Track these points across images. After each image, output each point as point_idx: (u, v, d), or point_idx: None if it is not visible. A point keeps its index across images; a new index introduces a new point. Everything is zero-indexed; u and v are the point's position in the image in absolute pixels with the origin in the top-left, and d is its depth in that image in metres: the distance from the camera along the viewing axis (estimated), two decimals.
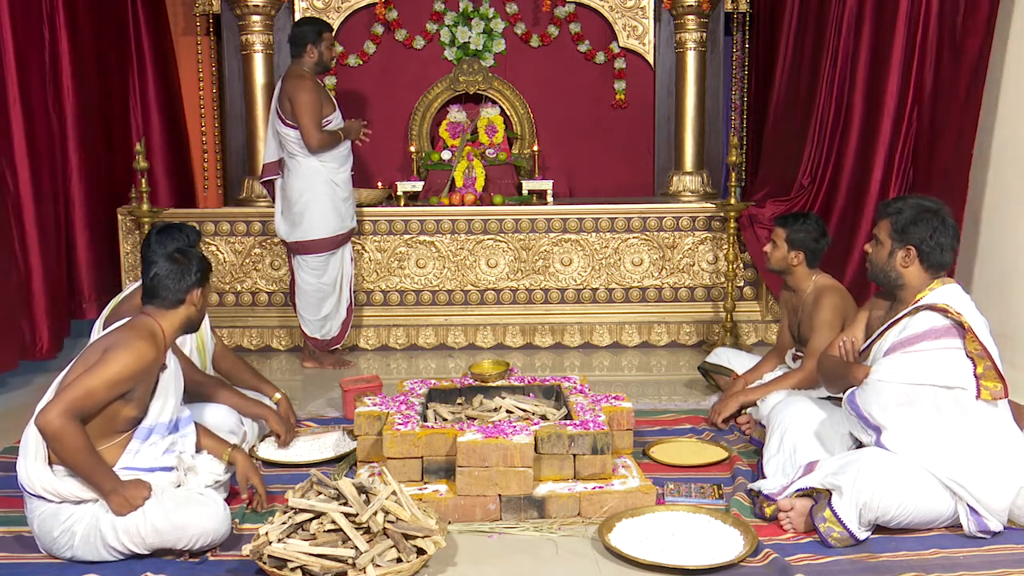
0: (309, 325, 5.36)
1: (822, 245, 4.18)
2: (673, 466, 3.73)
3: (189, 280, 3.07)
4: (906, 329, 3.13)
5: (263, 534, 2.81)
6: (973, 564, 2.88)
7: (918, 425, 3.05)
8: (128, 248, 5.78)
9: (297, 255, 5.29)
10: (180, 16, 6.98)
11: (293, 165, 5.17)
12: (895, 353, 3.12)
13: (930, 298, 3.15)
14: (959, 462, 3.01)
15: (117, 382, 2.87)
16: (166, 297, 3.06)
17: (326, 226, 5.22)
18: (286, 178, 5.21)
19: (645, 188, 6.75)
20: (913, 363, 3.07)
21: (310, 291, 5.30)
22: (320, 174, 5.16)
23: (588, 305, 5.97)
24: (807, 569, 2.85)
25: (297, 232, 5.21)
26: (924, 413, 3.05)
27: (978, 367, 3.04)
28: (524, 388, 3.98)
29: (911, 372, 3.06)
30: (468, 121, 6.53)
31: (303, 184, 5.15)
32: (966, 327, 3.05)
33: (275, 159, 5.26)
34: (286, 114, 5.11)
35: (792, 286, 4.26)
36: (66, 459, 2.84)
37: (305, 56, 5.15)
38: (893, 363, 3.11)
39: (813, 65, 5.65)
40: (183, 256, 3.10)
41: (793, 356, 4.26)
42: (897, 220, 3.20)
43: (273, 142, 5.25)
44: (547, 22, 6.68)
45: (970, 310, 3.14)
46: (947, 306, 3.10)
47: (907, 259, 3.19)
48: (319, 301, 5.31)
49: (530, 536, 3.13)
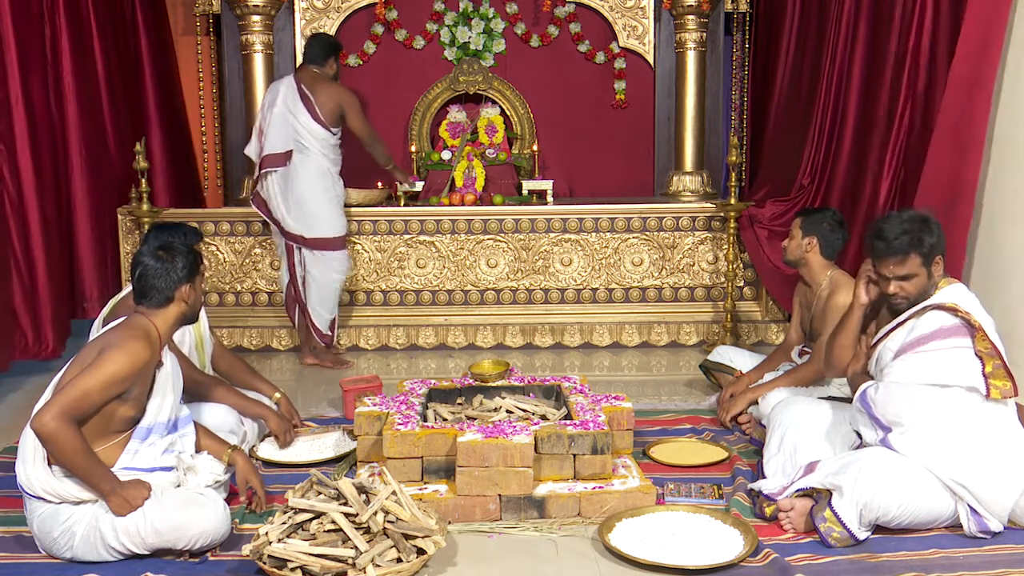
0: (322, 320, 5.43)
1: (837, 237, 4.15)
2: (673, 466, 3.73)
3: (175, 277, 3.04)
4: (914, 330, 3.12)
5: (263, 534, 2.81)
6: (973, 564, 2.88)
7: (928, 425, 3.04)
8: (128, 248, 5.78)
9: (315, 251, 5.36)
10: (180, 16, 6.99)
11: (304, 161, 5.30)
12: (906, 354, 3.11)
13: (937, 297, 3.15)
14: (964, 463, 3.00)
15: (112, 383, 2.86)
16: (154, 296, 3.05)
17: (341, 223, 5.43)
18: (292, 172, 5.29)
19: (645, 188, 6.75)
20: (924, 364, 3.06)
21: (332, 286, 5.42)
22: (329, 174, 5.36)
23: (588, 305, 5.97)
24: (807, 569, 2.85)
25: (317, 229, 5.33)
26: (934, 413, 3.04)
27: (987, 366, 3.03)
28: (524, 388, 3.98)
29: (922, 373, 3.06)
30: (468, 121, 6.53)
31: (311, 179, 5.29)
32: (976, 326, 3.05)
33: (283, 151, 5.31)
34: (324, 114, 5.29)
35: (807, 279, 4.23)
36: (63, 461, 2.84)
37: (326, 67, 5.40)
38: (905, 364, 3.10)
39: (813, 65, 5.65)
40: (167, 253, 3.07)
41: (800, 352, 4.25)
42: (922, 249, 3.12)
43: (282, 134, 5.30)
44: (547, 22, 6.69)
45: (977, 308, 3.14)
46: (956, 305, 3.10)
47: (938, 268, 3.18)
48: (337, 296, 5.47)
49: (530, 536, 3.13)
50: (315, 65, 5.40)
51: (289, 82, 5.38)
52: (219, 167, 6.97)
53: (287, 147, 5.30)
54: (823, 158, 5.53)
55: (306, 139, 5.29)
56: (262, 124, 5.40)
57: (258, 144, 5.40)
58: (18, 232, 5.09)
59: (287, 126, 5.30)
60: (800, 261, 4.20)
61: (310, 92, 5.31)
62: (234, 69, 6.54)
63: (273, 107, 5.34)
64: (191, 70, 6.85)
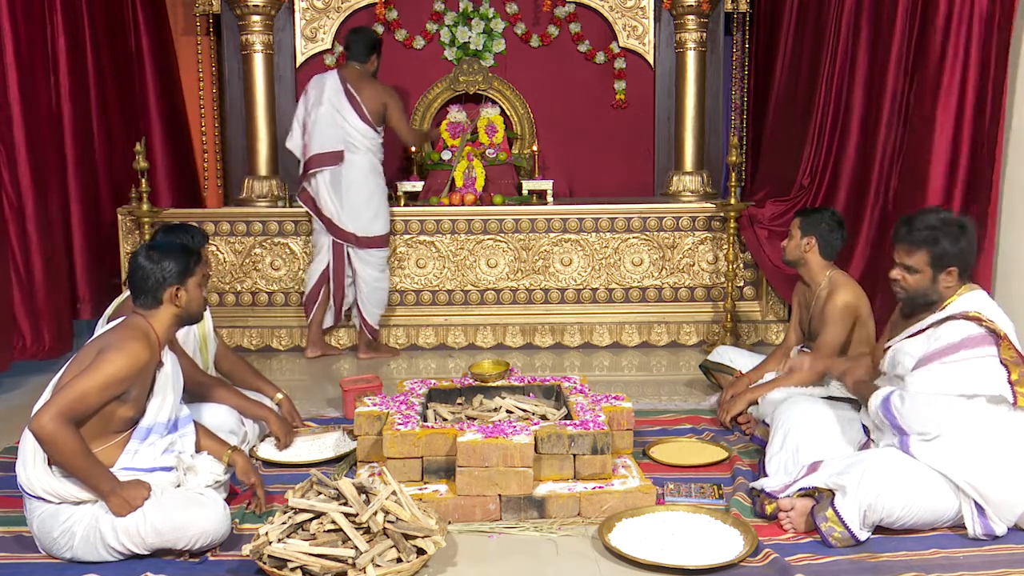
0: (374, 317, 5.61)
1: (836, 237, 4.15)
2: (673, 466, 3.73)
3: (161, 278, 3.01)
4: (939, 339, 3.08)
5: (263, 534, 2.81)
6: (973, 564, 2.88)
7: (954, 434, 3.02)
8: (128, 248, 5.78)
9: (362, 249, 5.50)
10: (180, 16, 6.98)
11: (355, 160, 5.43)
12: (932, 363, 3.06)
13: (959, 306, 3.11)
14: (983, 468, 2.99)
15: (111, 384, 2.86)
16: (142, 297, 3.04)
17: (388, 220, 5.63)
18: (344, 171, 5.41)
19: (645, 188, 6.75)
20: (952, 374, 3.03)
21: (381, 285, 5.61)
22: (378, 172, 5.54)
23: (588, 305, 5.97)
24: (807, 569, 2.85)
25: (370, 228, 5.50)
26: (960, 422, 3.02)
27: (1012, 374, 3.01)
28: (524, 388, 3.98)
29: (950, 383, 3.03)
30: (468, 121, 6.52)
31: (362, 178, 5.45)
32: (1001, 335, 3.03)
33: (333, 150, 5.41)
34: (369, 113, 5.42)
35: (806, 279, 4.23)
36: (62, 463, 2.83)
37: (368, 63, 5.52)
38: (931, 374, 3.06)
39: (813, 64, 5.65)
40: (158, 254, 3.04)
41: (799, 352, 4.25)
42: (935, 248, 3.11)
43: (331, 133, 5.40)
44: (547, 22, 6.68)
45: (1000, 316, 3.12)
46: (979, 314, 3.07)
47: (949, 279, 3.15)
48: (387, 291, 5.66)
49: (530, 536, 3.13)
50: (357, 62, 5.51)
51: (335, 80, 5.46)
52: (219, 167, 6.97)
53: (337, 147, 5.40)
54: (823, 158, 5.53)
55: (355, 139, 5.41)
56: (306, 120, 5.49)
57: (301, 140, 5.51)
58: (17, 232, 5.09)
59: (335, 126, 5.41)
60: (799, 261, 4.20)
61: (356, 92, 5.41)
62: (234, 69, 6.54)
63: (319, 105, 5.43)
64: (191, 70, 6.85)
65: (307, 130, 5.48)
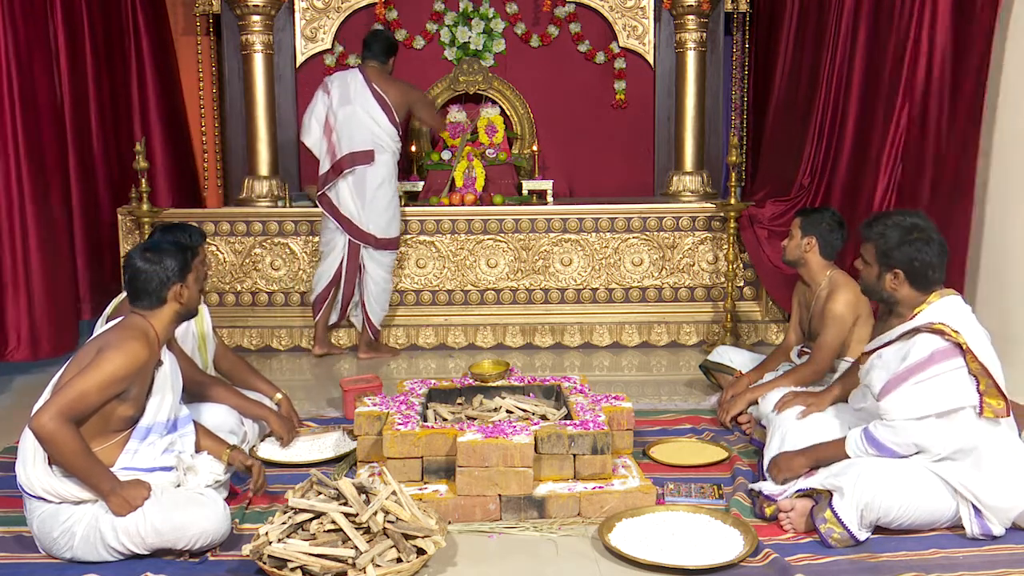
0: (378, 317, 5.62)
1: (837, 237, 4.15)
2: (673, 466, 3.73)
3: (165, 277, 3.02)
4: (908, 356, 3.06)
5: (263, 534, 2.81)
6: (973, 564, 2.88)
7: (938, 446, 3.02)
8: (128, 248, 5.78)
9: (376, 250, 5.52)
10: (180, 16, 6.99)
11: (382, 161, 5.46)
12: (904, 385, 3.03)
13: (927, 315, 3.09)
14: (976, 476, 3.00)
15: (110, 383, 2.86)
16: (146, 299, 3.04)
17: (400, 222, 5.66)
18: (371, 173, 5.42)
19: (645, 188, 6.75)
20: (925, 393, 3.01)
21: (389, 287, 5.64)
22: (394, 173, 5.57)
23: (588, 305, 5.97)
24: (807, 569, 2.85)
25: (387, 229, 5.53)
26: (943, 435, 3.01)
27: (981, 384, 3.01)
28: (524, 388, 3.98)
29: (926, 403, 3.01)
30: (468, 121, 6.53)
31: (383, 179, 5.46)
32: (964, 348, 3.01)
33: (364, 149, 5.42)
34: (398, 112, 5.47)
35: (806, 279, 4.23)
36: (62, 462, 2.83)
37: (388, 64, 5.55)
38: (903, 397, 3.03)
39: (813, 65, 5.65)
40: (155, 254, 3.04)
41: (799, 353, 4.25)
42: (880, 243, 3.14)
43: (361, 133, 5.41)
44: (547, 22, 6.68)
45: (969, 325, 3.08)
46: (943, 326, 3.03)
47: (896, 281, 3.14)
48: (391, 294, 5.69)
49: (530, 536, 3.13)
50: (378, 61, 5.52)
51: (359, 80, 5.45)
52: (219, 167, 6.97)
53: (367, 146, 5.41)
54: (823, 158, 5.53)
55: (382, 139, 5.44)
56: (328, 118, 5.46)
57: (326, 140, 5.47)
58: (16, 233, 5.08)
59: (363, 127, 5.40)
60: (799, 261, 4.20)
61: (383, 92, 5.44)
62: (234, 69, 6.54)
63: (347, 104, 5.41)
64: (191, 70, 6.85)
65: (332, 129, 5.44)
